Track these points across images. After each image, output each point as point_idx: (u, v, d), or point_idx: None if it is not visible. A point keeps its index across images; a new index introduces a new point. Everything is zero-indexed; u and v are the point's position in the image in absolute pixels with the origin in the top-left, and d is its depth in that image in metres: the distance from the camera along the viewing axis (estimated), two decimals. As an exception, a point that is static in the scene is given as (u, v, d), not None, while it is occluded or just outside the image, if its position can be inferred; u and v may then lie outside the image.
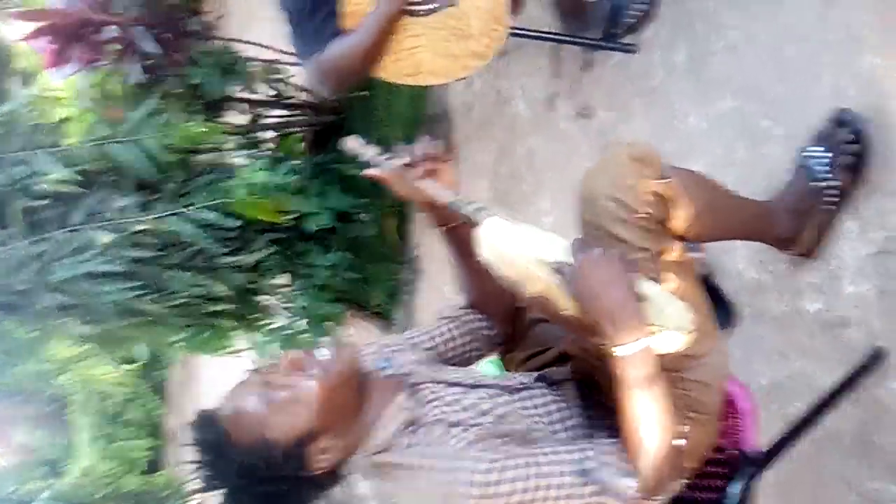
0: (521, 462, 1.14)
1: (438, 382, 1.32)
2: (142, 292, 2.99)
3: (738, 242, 1.85)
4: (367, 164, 1.39)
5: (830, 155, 1.61)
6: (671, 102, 2.09)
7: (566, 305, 1.20)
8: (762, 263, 1.82)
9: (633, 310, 1.14)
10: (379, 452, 1.21)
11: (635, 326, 1.13)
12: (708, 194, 1.42)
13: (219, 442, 1.15)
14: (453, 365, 1.47)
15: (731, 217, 1.52)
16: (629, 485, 1.16)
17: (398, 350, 1.41)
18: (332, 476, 1.21)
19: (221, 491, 1.18)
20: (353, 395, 1.22)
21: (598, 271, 1.14)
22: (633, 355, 1.13)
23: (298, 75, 3.44)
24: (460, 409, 1.25)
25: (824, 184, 1.60)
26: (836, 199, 1.62)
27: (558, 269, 1.19)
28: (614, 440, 1.20)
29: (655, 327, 1.16)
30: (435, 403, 1.26)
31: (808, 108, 1.71)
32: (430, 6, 1.90)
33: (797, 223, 1.62)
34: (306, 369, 1.18)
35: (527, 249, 1.22)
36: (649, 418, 1.15)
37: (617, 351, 1.13)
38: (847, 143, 1.59)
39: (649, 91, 2.16)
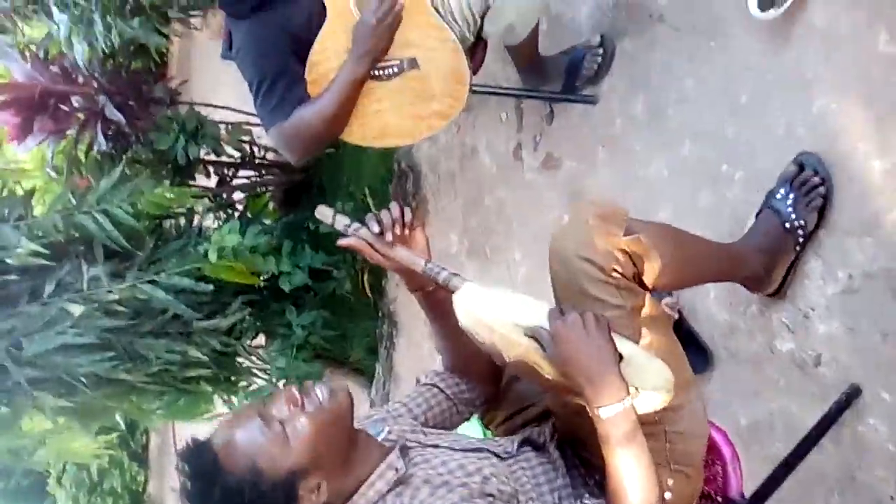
0: None
1: (426, 446, 1.32)
2: (117, 362, 2.95)
3: (710, 286, 1.88)
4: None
5: (795, 196, 1.65)
6: (633, 151, 2.13)
7: (546, 369, 1.21)
8: (733, 305, 1.84)
9: (612, 372, 1.15)
10: None
11: (616, 388, 1.15)
12: (676, 245, 1.45)
13: (210, 468, 1.14)
14: (435, 429, 1.47)
15: (700, 264, 1.54)
16: None
17: (384, 420, 1.41)
18: None
19: None
20: (345, 437, 1.21)
21: (576, 335, 1.16)
22: (615, 416, 1.14)
23: (265, 136, 3.46)
24: (446, 471, 1.25)
25: (792, 225, 1.64)
26: (802, 239, 1.66)
27: (536, 334, 1.20)
28: (599, 501, 1.20)
29: (634, 389, 1.17)
30: (422, 466, 1.26)
31: (764, 151, 1.76)
32: (393, 70, 1.93)
33: (767, 263, 1.65)
34: (302, 405, 1.18)
35: (504, 314, 1.23)
36: (633, 476, 1.16)
37: (599, 412, 1.14)
38: (814, 186, 1.64)
39: (611, 140, 2.21)
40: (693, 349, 1.88)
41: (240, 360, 3.45)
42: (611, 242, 1.30)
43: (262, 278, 3.19)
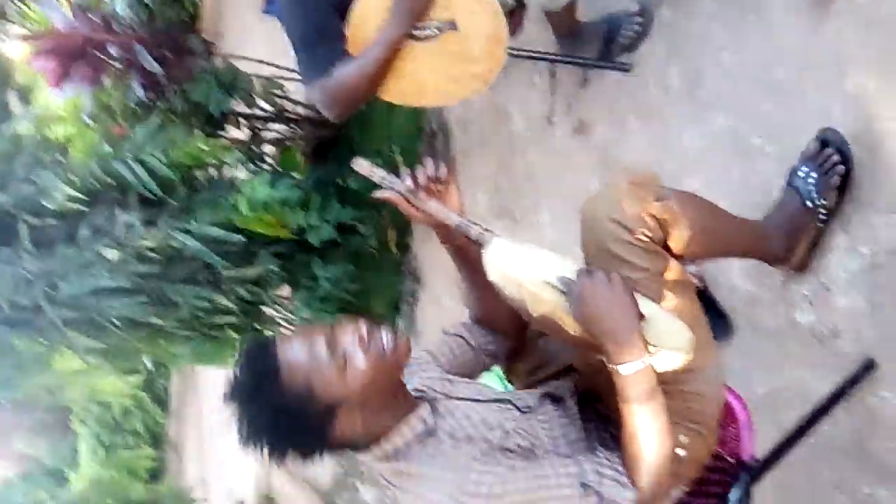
0: (523, 476, 1.20)
1: (450, 398, 1.38)
2: (147, 306, 3.05)
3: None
4: (370, 183, 1.44)
5: (817, 175, 1.67)
6: (666, 120, 2.15)
7: (571, 325, 1.26)
8: (756, 277, 1.88)
9: (634, 331, 1.20)
10: (390, 459, 1.27)
11: (637, 346, 1.20)
12: (704, 215, 1.48)
13: (268, 374, 1.20)
14: (460, 378, 1.53)
15: (726, 237, 1.58)
16: (626, 496, 1.22)
17: (413, 369, 1.45)
18: (341, 447, 1.27)
19: (240, 412, 1.22)
20: (392, 385, 1.27)
21: (602, 294, 1.20)
22: (635, 374, 1.20)
23: (297, 90, 3.49)
24: (469, 424, 1.31)
25: (813, 203, 1.67)
26: (825, 217, 1.69)
27: (563, 290, 1.25)
28: (614, 453, 1.26)
29: (654, 348, 1.22)
30: (447, 419, 1.32)
31: (798, 126, 1.77)
32: (432, 31, 1.95)
33: (789, 241, 1.69)
34: (368, 344, 1.22)
35: (532, 271, 1.28)
36: (648, 433, 1.22)
37: (619, 369, 1.20)
38: (833, 164, 1.66)
39: (645, 109, 2.22)
40: (714, 317, 1.92)
41: (265, 309, 3.53)
42: (641, 207, 1.34)
43: (290, 231, 3.25)
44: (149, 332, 3.28)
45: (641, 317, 1.23)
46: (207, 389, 6.23)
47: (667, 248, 1.40)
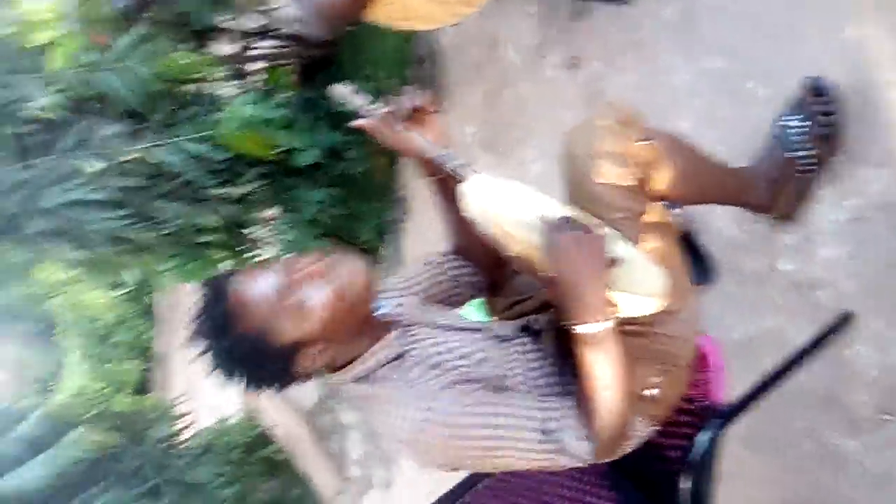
0: (490, 411, 1.21)
1: (423, 325, 1.37)
2: (130, 221, 3.01)
3: (719, 202, 1.89)
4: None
5: (802, 124, 1.63)
6: (659, 57, 2.09)
7: (544, 268, 1.24)
8: (741, 223, 1.86)
9: (597, 296, 1.18)
10: (360, 381, 1.27)
11: (598, 310, 1.18)
12: (688, 157, 1.45)
13: (222, 317, 1.19)
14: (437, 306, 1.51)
15: (709, 181, 1.55)
16: (584, 449, 1.22)
17: (388, 294, 1.45)
18: (307, 377, 1.27)
19: (205, 349, 1.22)
20: (356, 315, 1.25)
21: (573, 251, 1.17)
22: (589, 334, 1.18)
23: (288, 6, 3.38)
24: (442, 351, 1.30)
25: (800, 153, 1.63)
26: (812, 168, 1.65)
27: (539, 233, 1.22)
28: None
29: (625, 294, 1.21)
30: (419, 344, 1.31)
31: (792, 72, 1.72)
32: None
33: (773, 191, 1.66)
34: (323, 277, 1.20)
35: (509, 210, 1.25)
36: (602, 387, 1.21)
37: (576, 328, 1.18)
38: (819, 113, 1.62)
39: (638, 44, 2.16)
40: (695, 260, 1.91)
41: (250, 230, 3.49)
42: (623, 146, 1.31)
43: (275, 152, 3.19)
44: (132, 247, 3.25)
45: (616, 260, 1.21)
46: (193, 305, 6.26)
47: (648, 189, 1.37)
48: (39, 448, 3.59)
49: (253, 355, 1.19)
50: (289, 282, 1.20)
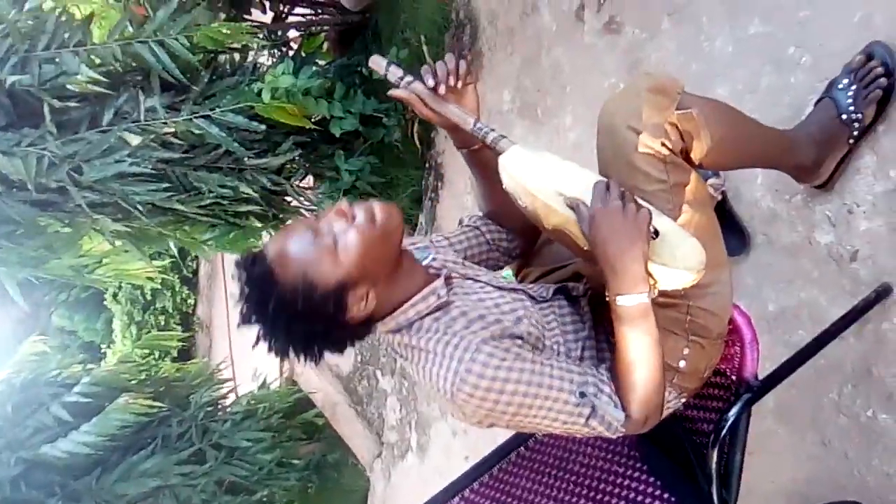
0: (528, 367, 1.21)
1: (468, 279, 1.38)
2: (171, 192, 3.06)
3: (757, 171, 1.86)
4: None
5: (856, 88, 1.59)
6: (700, 23, 2.04)
7: (581, 241, 1.24)
8: (778, 193, 1.83)
9: (637, 266, 1.18)
10: (402, 331, 1.28)
11: (638, 281, 1.18)
12: (728, 124, 1.42)
13: (264, 278, 1.20)
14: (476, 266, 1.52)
15: (750, 147, 1.51)
16: (617, 417, 1.23)
17: (429, 249, 1.46)
18: (364, 326, 1.28)
19: (259, 326, 1.24)
20: (392, 254, 1.27)
21: (612, 222, 1.17)
22: (630, 307, 1.19)
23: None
24: (483, 306, 1.31)
25: (849, 117, 1.59)
26: (857, 133, 1.61)
27: (576, 207, 1.22)
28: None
29: (663, 267, 1.20)
30: (462, 297, 1.32)
31: (837, 38, 1.68)
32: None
33: (818, 154, 1.62)
34: (353, 219, 1.22)
35: (547, 183, 1.24)
36: (639, 360, 1.22)
37: (616, 300, 1.19)
38: (876, 77, 1.57)
39: (679, 9, 2.12)
40: (731, 231, 1.89)
41: (288, 199, 3.53)
42: (662, 115, 1.29)
43: (312, 121, 3.21)
44: (172, 217, 3.31)
45: (654, 234, 1.21)
46: (234, 278, 6.36)
47: (687, 160, 1.35)
48: (89, 414, 3.68)
49: (303, 307, 1.20)
50: (319, 225, 1.22)
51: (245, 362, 5.84)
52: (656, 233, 1.21)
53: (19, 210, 2.87)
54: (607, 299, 1.22)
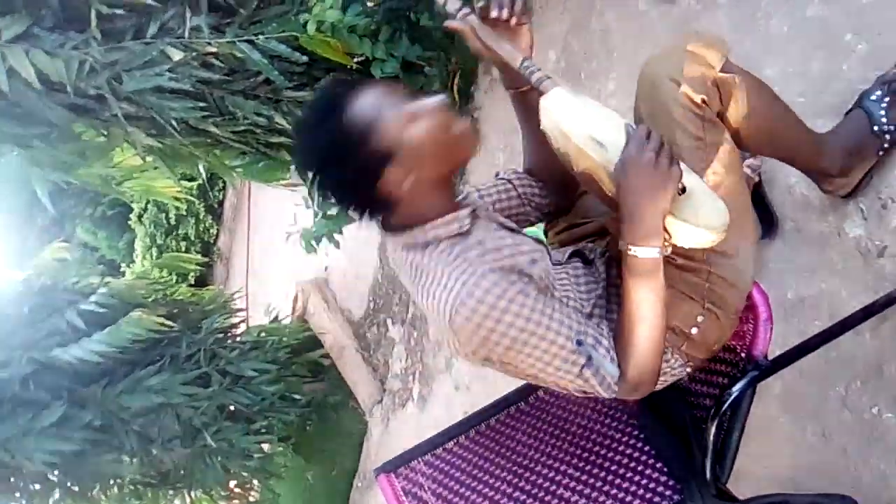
0: (529, 303, 1.21)
1: (493, 221, 1.38)
2: (206, 113, 3.07)
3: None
4: (444, 20, 1.40)
5: (890, 99, 1.57)
6: (758, 0, 2.00)
7: (608, 186, 1.23)
8: (813, 182, 1.80)
9: (656, 223, 1.18)
10: (417, 248, 1.29)
11: (654, 237, 1.18)
12: (767, 103, 1.42)
13: (339, 96, 1.23)
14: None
15: (785, 132, 1.50)
16: (612, 372, 1.23)
17: (462, 193, 1.46)
18: (384, 206, 1.30)
19: (299, 139, 1.29)
20: (450, 164, 1.31)
21: (642, 171, 1.16)
22: (640, 259, 1.19)
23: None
24: (502, 243, 1.31)
25: (881, 129, 1.57)
26: (888, 145, 1.59)
27: (609, 156, 1.21)
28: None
29: (684, 223, 1.19)
30: (483, 230, 1.32)
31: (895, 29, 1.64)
32: None
33: (846, 162, 1.61)
34: (439, 115, 1.25)
35: (584, 125, 1.24)
36: (643, 320, 1.22)
37: (630, 249, 1.19)
38: None
39: (739, -17, 2.07)
40: (761, 214, 1.87)
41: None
42: (706, 72, 1.29)
43: (355, 60, 3.19)
44: (205, 139, 3.33)
45: (682, 190, 1.20)
46: (259, 208, 6.40)
47: (723, 121, 1.35)
48: (102, 324, 3.74)
49: (350, 146, 1.21)
50: (415, 96, 1.25)
51: (259, 297, 5.90)
52: (683, 189, 1.20)
53: (56, 113, 2.89)
54: (620, 247, 1.21)
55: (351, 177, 1.24)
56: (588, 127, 1.23)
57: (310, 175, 1.27)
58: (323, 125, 1.23)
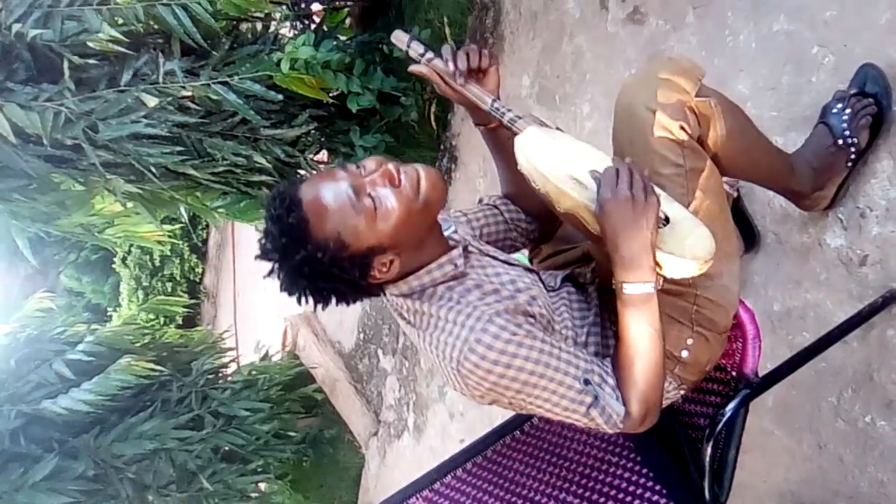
0: (538, 346, 1.20)
1: (486, 255, 1.37)
2: (185, 157, 3.06)
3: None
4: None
5: (850, 111, 1.59)
6: (725, 17, 2.03)
7: (592, 225, 1.23)
8: (791, 202, 1.81)
9: (645, 258, 1.17)
10: (414, 296, 1.27)
11: (644, 271, 1.18)
12: (741, 126, 1.42)
13: (298, 229, 1.16)
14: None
15: (759, 153, 1.51)
16: (618, 410, 1.23)
17: (447, 220, 1.45)
18: (380, 287, 1.28)
19: (277, 265, 1.21)
20: (427, 225, 1.25)
21: (622, 212, 1.16)
22: (634, 295, 1.19)
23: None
24: (499, 281, 1.30)
25: (845, 141, 1.59)
26: (855, 157, 1.61)
27: (588, 190, 1.21)
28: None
29: (670, 256, 1.19)
30: (478, 270, 1.31)
31: (861, 39, 1.66)
32: None
33: (816, 182, 1.62)
34: (399, 185, 1.19)
35: (561, 166, 1.24)
36: (641, 354, 1.22)
37: (622, 286, 1.19)
38: (867, 104, 1.57)
39: (704, 3, 2.10)
40: (742, 229, 1.88)
41: (301, 171, 3.53)
42: (682, 98, 1.28)
43: (330, 95, 3.20)
44: (185, 182, 3.32)
45: (665, 221, 1.20)
46: (243, 245, 6.38)
47: (702, 146, 1.34)
48: (91, 372, 3.70)
49: (330, 264, 1.17)
50: (363, 184, 1.19)
51: (248, 334, 5.87)
52: (667, 220, 1.20)
53: (34, 165, 2.88)
54: (613, 286, 1.21)
55: (343, 285, 1.23)
56: (566, 166, 1.24)
57: (303, 295, 1.24)
58: (295, 250, 1.18)
